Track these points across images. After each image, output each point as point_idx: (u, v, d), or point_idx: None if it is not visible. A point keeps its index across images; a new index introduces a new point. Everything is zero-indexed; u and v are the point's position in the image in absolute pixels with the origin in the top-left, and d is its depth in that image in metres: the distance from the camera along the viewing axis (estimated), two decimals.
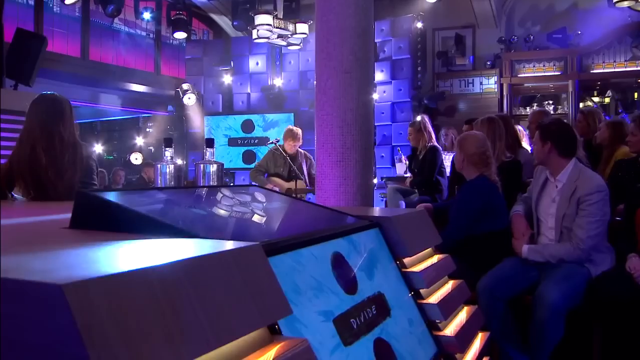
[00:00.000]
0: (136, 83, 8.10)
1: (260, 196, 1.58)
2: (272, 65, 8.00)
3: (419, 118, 7.04)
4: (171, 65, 8.69)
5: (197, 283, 0.76)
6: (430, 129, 5.10)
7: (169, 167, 1.66)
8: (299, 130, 5.44)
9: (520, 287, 2.63)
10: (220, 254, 0.85)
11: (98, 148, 11.20)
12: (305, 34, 6.22)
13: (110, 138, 12.17)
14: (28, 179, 2.52)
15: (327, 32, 3.49)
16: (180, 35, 7.63)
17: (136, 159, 8.59)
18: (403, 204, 4.84)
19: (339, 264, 1.30)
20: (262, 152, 7.74)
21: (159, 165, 1.65)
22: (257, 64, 8.01)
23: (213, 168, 1.70)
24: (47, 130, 2.55)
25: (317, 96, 3.56)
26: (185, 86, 7.68)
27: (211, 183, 1.69)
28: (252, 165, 7.70)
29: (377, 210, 1.86)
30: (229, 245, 0.92)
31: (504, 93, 7.84)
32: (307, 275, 1.15)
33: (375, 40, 7.02)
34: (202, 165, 1.70)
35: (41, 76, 5.99)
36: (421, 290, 1.61)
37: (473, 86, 8.00)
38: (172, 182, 1.64)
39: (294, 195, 5.11)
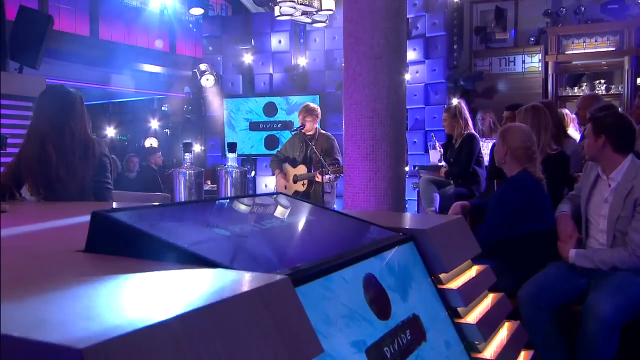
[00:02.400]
0: (150, 63, 8.16)
1: (284, 208, 1.58)
2: (296, 44, 7.96)
3: (455, 101, 7.00)
4: (187, 44, 8.72)
5: (224, 330, 0.76)
6: (467, 115, 5.04)
7: (189, 174, 1.66)
8: (315, 107, 5.44)
9: (567, 296, 2.59)
10: (247, 293, 0.85)
11: (110, 131, 11.38)
12: (331, 10, 6.16)
13: (123, 120, 12.33)
14: (37, 178, 2.56)
15: (355, 14, 3.45)
16: (197, 11, 7.63)
17: (151, 144, 8.68)
18: (437, 196, 4.81)
19: (372, 286, 1.29)
20: (285, 137, 7.75)
21: (178, 172, 1.66)
22: (280, 42, 7.98)
23: (236, 175, 1.70)
24: (57, 126, 2.59)
25: (345, 84, 3.54)
26: (202, 67, 7.70)
27: (234, 192, 1.69)
28: (274, 152, 7.75)
29: (410, 220, 1.85)
30: (256, 280, 0.92)
31: (549, 72, 7.66)
32: (337, 303, 1.15)
33: (407, 16, 6.91)
34: (223, 171, 1.70)
35: (47, 56, 6.02)
36: (459, 309, 1.60)
37: (514, 65, 7.83)
38: (193, 190, 1.65)
39: (302, 184, 5.18)
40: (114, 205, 2.47)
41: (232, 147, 1.75)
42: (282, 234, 1.35)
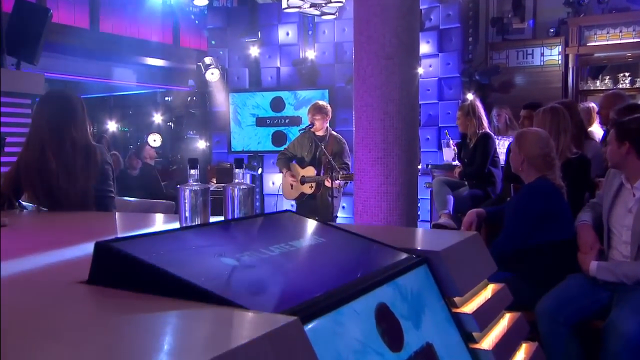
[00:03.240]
0: (152, 56, 8.17)
1: (293, 230, 1.58)
2: (304, 36, 7.94)
3: (470, 96, 6.97)
4: (191, 37, 8.72)
5: None
6: (482, 113, 5.02)
7: (194, 191, 1.67)
8: (325, 105, 5.43)
9: (588, 311, 2.58)
10: (257, 340, 0.85)
11: (112, 125, 11.42)
12: (341, 2, 6.13)
13: (125, 114, 12.37)
14: (37, 186, 2.58)
15: (366, 11, 3.44)
16: (201, 1, 7.61)
17: (154, 140, 8.72)
18: (451, 198, 4.80)
19: (384, 317, 1.29)
20: (293, 133, 7.75)
21: (184, 189, 1.66)
22: (288, 34, 7.96)
23: (243, 193, 1.71)
24: (57, 133, 2.60)
25: (355, 85, 3.53)
26: (207, 60, 7.70)
27: (241, 211, 1.69)
28: (282, 148, 7.75)
29: (423, 239, 1.85)
30: (265, 323, 0.93)
31: (569, 65, 7.59)
32: (349, 338, 1.16)
33: (420, 7, 6.88)
34: (230, 188, 1.70)
35: (47, 50, 6.00)
36: (474, 333, 1.60)
37: (532, 58, 7.75)
38: (199, 209, 1.66)
39: (309, 187, 5.18)
40: (117, 216, 2.48)
41: (239, 163, 1.75)
42: (291, 260, 1.35)
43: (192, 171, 1.71)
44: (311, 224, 1.71)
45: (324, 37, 7.87)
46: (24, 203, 2.67)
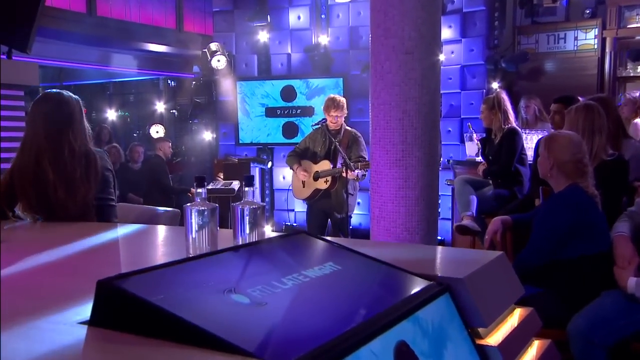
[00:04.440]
0: (154, 42, 8.17)
1: (305, 256, 1.59)
2: (317, 20, 7.91)
3: (495, 85, 6.92)
4: (196, 20, 8.71)
5: None
6: (508, 107, 4.99)
7: (201, 211, 1.67)
8: (341, 99, 5.42)
9: (626, 332, 2.56)
10: None
11: (111, 114, 11.48)
12: None
13: (125, 102, 12.45)
14: (32, 197, 2.59)
15: (383, 2, 3.42)
16: None
17: (157, 132, 8.74)
18: (475, 199, 4.79)
19: (404, 357, 1.30)
20: (305, 124, 7.77)
21: (190, 210, 1.67)
22: (299, 18, 7.94)
23: (254, 213, 1.71)
24: (54, 139, 2.61)
25: (372, 81, 3.53)
26: (213, 46, 7.70)
27: (252, 232, 1.70)
28: (293, 140, 7.78)
29: (444, 262, 1.84)
30: None
31: (607, 50, 7.47)
32: None
33: None
34: (239, 207, 1.70)
35: (40, 35, 5.97)
36: None
37: (565, 42, 7.66)
38: (206, 230, 1.67)
39: (324, 181, 5.18)
40: (119, 230, 2.50)
41: (250, 180, 1.76)
42: (305, 295, 1.35)
43: (199, 189, 1.72)
44: (325, 248, 1.71)
45: (338, 21, 7.85)
46: (18, 212, 2.69)
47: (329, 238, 1.99)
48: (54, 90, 2.76)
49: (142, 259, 1.83)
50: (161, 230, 2.40)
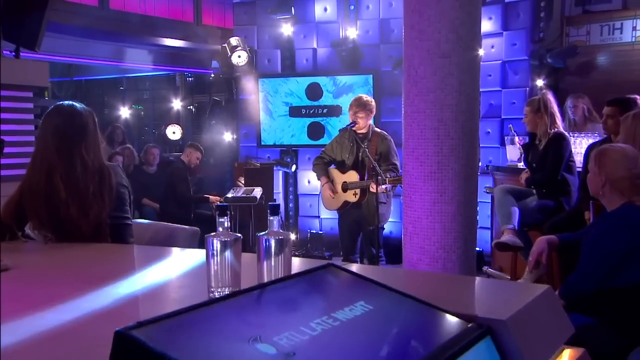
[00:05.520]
0: (170, 37, 8.25)
1: (334, 294, 1.60)
2: (345, 12, 7.90)
3: (540, 82, 6.84)
4: (215, 13, 8.77)
5: None
6: (555, 109, 4.94)
7: (223, 243, 1.69)
8: (369, 100, 5.41)
9: None
10: None
11: (124, 112, 11.62)
12: None
13: (139, 98, 12.59)
14: (44, 216, 2.64)
15: (418, 2, 3.41)
16: None
17: (173, 132, 8.84)
18: (517, 211, 4.74)
19: None
20: (332, 125, 7.79)
21: (212, 241, 1.69)
22: (326, 9, 7.95)
23: (280, 244, 1.73)
24: (66, 154, 2.65)
25: (405, 87, 3.52)
26: (233, 41, 7.75)
27: (278, 267, 1.72)
28: (319, 142, 7.80)
29: (484, 298, 1.83)
30: None
31: None
32: None
33: None
34: (264, 238, 1.72)
35: (50, 30, 6.04)
36: None
37: (621, 33, 7.48)
38: (229, 263, 1.69)
39: (353, 194, 5.18)
40: (135, 250, 2.54)
41: (275, 209, 1.77)
42: (336, 343, 1.36)
43: (222, 218, 1.74)
44: (355, 284, 1.72)
45: (368, 13, 7.84)
46: (28, 232, 2.74)
47: (355, 268, 1.99)
48: (66, 102, 2.80)
49: (160, 294, 1.86)
50: (180, 257, 2.43)
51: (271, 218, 1.77)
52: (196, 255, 2.29)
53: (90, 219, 2.63)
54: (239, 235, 1.75)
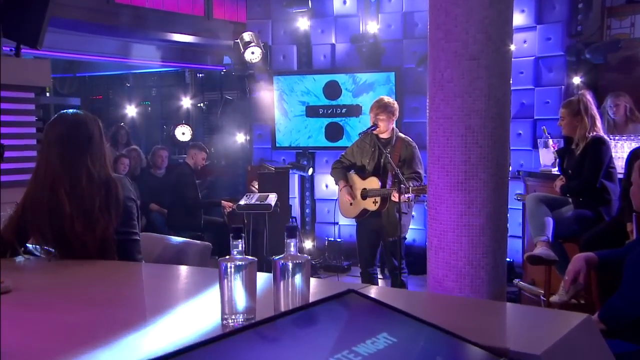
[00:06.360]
0: (180, 32, 8.31)
1: (355, 325, 1.60)
2: (366, 5, 7.90)
3: (577, 80, 6.78)
4: (227, 7, 8.82)
5: None
6: (595, 112, 4.90)
7: (235, 267, 1.71)
8: (391, 101, 5.41)
9: None
10: None
11: (131, 110, 11.70)
12: None
13: (146, 96, 12.67)
14: (47, 231, 2.67)
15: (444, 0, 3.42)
16: None
17: (183, 133, 8.88)
18: (551, 222, 4.72)
19: None
20: (351, 125, 7.80)
21: (225, 266, 1.71)
22: (345, 2, 7.96)
23: (298, 269, 1.74)
24: (71, 166, 2.67)
25: (430, 92, 3.52)
26: (246, 36, 7.77)
27: (296, 293, 1.73)
28: (338, 144, 7.82)
29: (516, 331, 1.82)
30: None
31: None
32: None
33: None
34: (280, 262, 1.73)
35: (53, 25, 6.07)
36: None
37: None
38: (243, 288, 1.71)
39: (373, 202, 5.17)
40: (143, 269, 2.56)
41: (292, 231, 1.78)
42: None
43: (236, 241, 1.75)
44: (377, 312, 1.72)
45: (390, 6, 7.85)
46: (30, 247, 2.77)
47: (375, 292, 1.99)
48: (70, 110, 2.83)
49: (170, 322, 1.87)
50: (191, 277, 2.45)
51: (288, 240, 1.79)
52: (208, 276, 2.31)
53: (96, 234, 2.66)
54: (254, 258, 1.77)
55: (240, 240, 1.76)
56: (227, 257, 1.74)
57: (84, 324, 1.80)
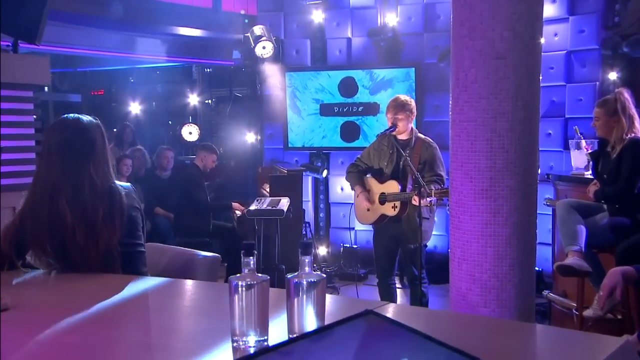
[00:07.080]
0: (186, 25, 8.33)
1: (373, 350, 1.61)
2: None
3: (613, 75, 6.73)
4: None
5: None
6: (633, 111, 4.86)
7: (248, 285, 1.72)
8: (409, 100, 5.40)
9: None
10: None
11: (135, 107, 11.77)
12: None
13: (151, 93, 12.72)
14: (47, 243, 2.67)
15: None
16: None
17: (190, 133, 8.92)
18: (584, 230, 4.69)
19: None
20: (368, 124, 7.81)
21: (236, 285, 1.72)
22: None
23: (313, 288, 1.75)
24: (72, 174, 2.68)
25: (453, 91, 3.53)
26: (257, 30, 7.80)
27: (310, 313, 1.74)
28: (354, 144, 7.84)
29: (546, 355, 1.82)
30: None
31: None
32: None
33: None
34: (294, 281, 1.74)
35: (52, 19, 6.10)
36: None
37: None
38: (254, 309, 1.72)
39: (392, 207, 5.17)
40: (149, 283, 2.58)
41: (307, 248, 1.79)
42: None
43: (247, 258, 1.76)
44: (397, 336, 1.73)
45: None
46: (29, 260, 2.78)
47: (393, 310, 1.99)
48: (70, 115, 2.84)
49: (177, 343, 1.89)
50: (200, 293, 2.46)
51: (302, 258, 1.80)
52: (218, 292, 2.32)
53: (99, 246, 2.67)
54: (266, 277, 1.78)
55: (251, 257, 1.77)
56: (238, 275, 1.75)
57: (85, 346, 1.82)
